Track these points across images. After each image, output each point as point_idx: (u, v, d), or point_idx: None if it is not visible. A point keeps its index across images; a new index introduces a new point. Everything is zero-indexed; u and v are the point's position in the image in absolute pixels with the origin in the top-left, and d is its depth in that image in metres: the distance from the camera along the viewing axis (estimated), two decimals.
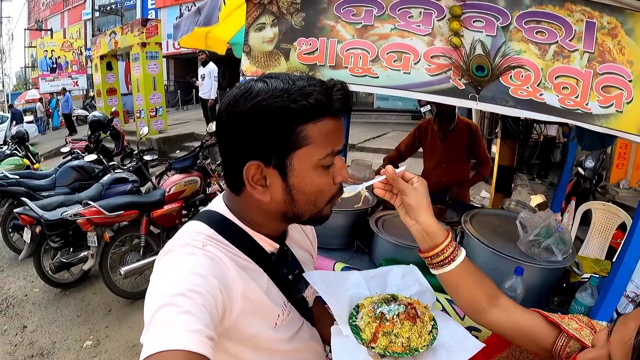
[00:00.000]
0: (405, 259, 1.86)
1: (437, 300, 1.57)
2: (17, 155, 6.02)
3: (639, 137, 1.24)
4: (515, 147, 4.12)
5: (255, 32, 1.71)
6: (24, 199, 3.52)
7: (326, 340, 1.04)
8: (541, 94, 1.29)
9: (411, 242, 1.89)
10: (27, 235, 3.52)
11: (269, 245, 0.83)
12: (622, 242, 1.47)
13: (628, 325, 0.64)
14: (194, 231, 0.76)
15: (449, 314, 1.54)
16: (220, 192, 3.22)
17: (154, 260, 3.16)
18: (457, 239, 1.94)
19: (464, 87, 1.36)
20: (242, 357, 0.77)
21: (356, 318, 0.88)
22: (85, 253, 3.46)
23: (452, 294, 0.90)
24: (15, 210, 3.50)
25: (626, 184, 5.70)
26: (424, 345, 0.82)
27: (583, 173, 4.78)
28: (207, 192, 4.29)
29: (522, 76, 1.30)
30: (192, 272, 0.64)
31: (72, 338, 3.17)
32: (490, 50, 1.31)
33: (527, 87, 1.30)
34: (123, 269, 3.38)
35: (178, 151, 8.79)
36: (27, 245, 3.54)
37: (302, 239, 0.98)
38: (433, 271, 0.89)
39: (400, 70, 1.43)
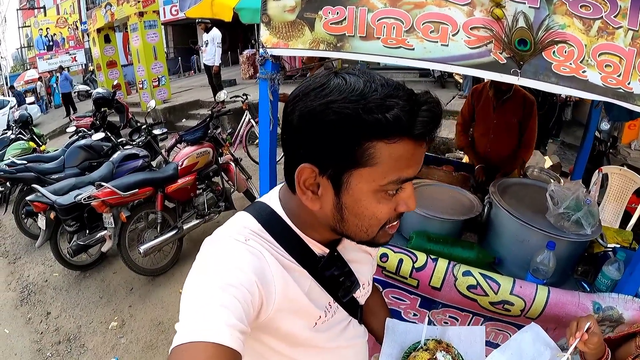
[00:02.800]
0: (436, 231, 1.88)
1: (471, 274, 1.57)
2: (23, 139, 5.95)
3: None
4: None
5: (274, 0, 1.58)
6: (35, 185, 3.50)
7: (376, 334, 1.08)
8: (584, 71, 1.22)
9: (441, 215, 1.87)
10: (41, 221, 3.50)
11: (318, 249, 0.78)
12: None
13: None
14: (240, 224, 0.74)
15: (484, 289, 1.55)
16: (232, 161, 3.15)
17: (172, 236, 3.19)
18: (486, 210, 1.92)
19: (505, 61, 1.26)
20: (277, 350, 0.75)
21: None
22: (102, 234, 3.46)
23: None
24: (27, 198, 3.47)
25: (638, 145, 5.63)
26: None
27: (598, 135, 4.66)
28: (220, 162, 4.25)
29: (565, 52, 1.21)
30: (231, 266, 0.64)
31: (97, 320, 3.22)
32: (534, 24, 1.22)
33: (570, 64, 1.22)
34: (142, 248, 3.41)
35: (184, 120, 8.72)
36: (43, 232, 3.53)
37: None
38: None
39: (437, 42, 1.32)
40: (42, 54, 16.07)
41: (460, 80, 8.15)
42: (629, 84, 1.19)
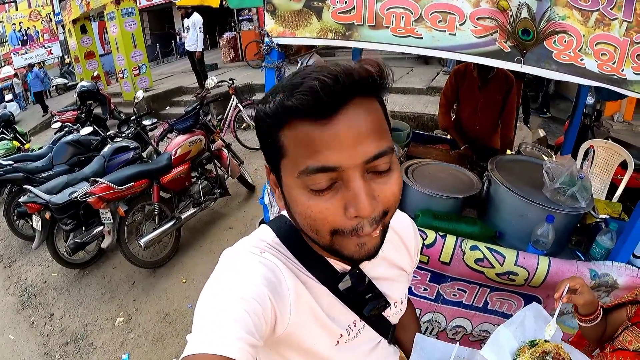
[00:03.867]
0: (439, 208, 1.94)
1: (478, 248, 1.67)
2: (6, 139, 5.78)
3: None
4: (520, 86, 4.08)
5: None
6: (27, 186, 3.42)
7: (404, 347, 1.03)
8: (582, 59, 1.33)
9: (444, 192, 1.94)
10: (36, 222, 3.43)
11: (339, 265, 0.74)
12: None
13: None
14: (259, 237, 0.73)
15: (490, 262, 1.64)
16: (224, 147, 3.13)
17: (170, 227, 3.28)
18: (484, 187, 2.00)
19: (509, 50, 1.34)
20: None
21: None
22: (99, 229, 3.44)
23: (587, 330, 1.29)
24: (20, 200, 3.40)
25: (620, 117, 5.84)
26: None
27: (584, 109, 4.81)
28: (212, 149, 4.26)
29: (565, 41, 1.32)
30: (244, 279, 0.63)
31: (102, 317, 3.20)
32: (536, 15, 1.31)
33: (570, 52, 1.33)
34: (142, 241, 3.41)
35: (168, 107, 8.60)
36: (39, 233, 3.46)
37: (395, 254, 0.85)
38: (583, 324, 1.26)
39: (445, 31, 1.38)
40: (17, 49, 15.39)
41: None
42: (622, 70, 1.30)
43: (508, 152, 2.91)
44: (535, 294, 1.71)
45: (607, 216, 1.94)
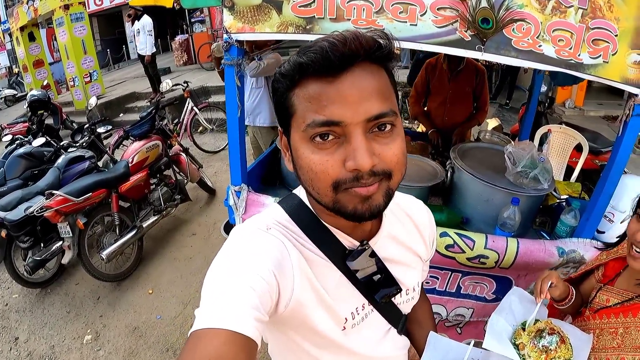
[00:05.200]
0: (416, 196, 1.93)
1: (448, 235, 1.69)
2: None
3: (621, 85, 1.39)
4: None
5: None
6: None
7: (417, 345, 1.00)
8: (540, 46, 1.38)
9: (409, 183, 1.94)
10: None
11: (348, 242, 0.74)
12: (603, 169, 1.67)
13: None
14: (269, 215, 0.75)
15: (461, 247, 1.68)
16: (182, 152, 3.06)
17: (132, 237, 3.17)
18: (448, 175, 2.04)
19: (470, 38, 1.38)
20: (305, 349, 0.75)
21: (522, 356, 1.08)
22: (58, 245, 3.27)
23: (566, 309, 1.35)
24: None
25: (571, 103, 6.17)
26: (572, 354, 1.07)
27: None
28: (170, 154, 4.15)
29: (523, 29, 1.37)
30: (249, 255, 0.64)
31: (69, 337, 3.06)
32: (495, 4, 1.35)
33: (528, 39, 1.38)
34: (104, 254, 3.28)
35: (122, 114, 8.33)
36: None
37: (406, 235, 0.85)
38: (559, 307, 1.33)
39: (406, 22, 1.40)
40: None
41: (397, 52, 8.33)
42: (579, 55, 1.37)
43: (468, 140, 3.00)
44: (506, 275, 1.76)
45: (568, 196, 2.03)
